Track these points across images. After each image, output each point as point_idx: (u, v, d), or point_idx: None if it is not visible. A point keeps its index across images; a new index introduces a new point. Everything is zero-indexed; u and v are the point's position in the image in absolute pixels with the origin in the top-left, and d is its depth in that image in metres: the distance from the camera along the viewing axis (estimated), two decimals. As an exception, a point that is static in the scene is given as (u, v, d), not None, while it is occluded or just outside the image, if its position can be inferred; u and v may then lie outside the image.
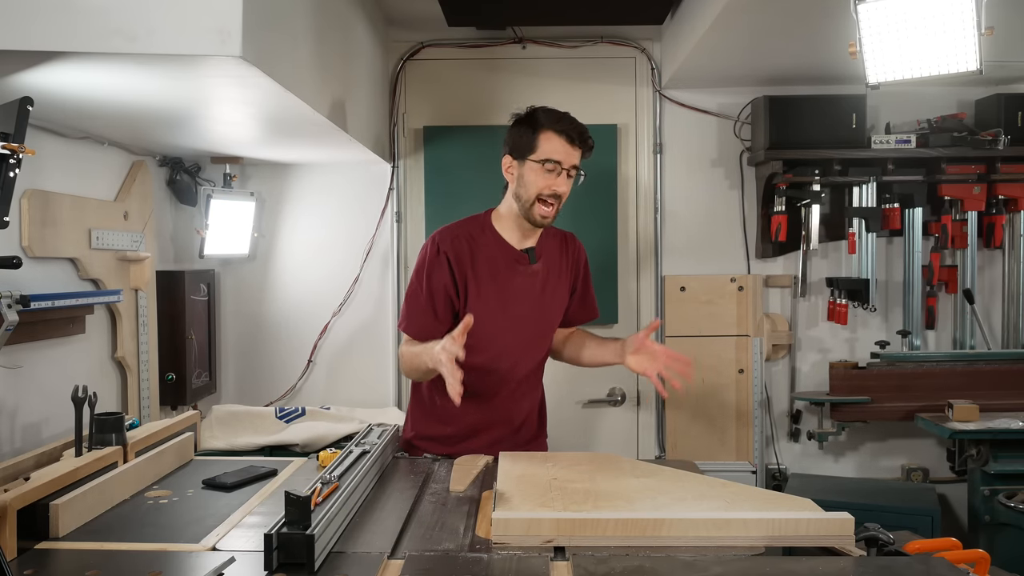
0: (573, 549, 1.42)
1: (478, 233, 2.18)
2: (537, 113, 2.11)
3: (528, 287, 2.17)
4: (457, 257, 2.12)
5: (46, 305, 2.11)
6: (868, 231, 3.41)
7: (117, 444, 1.93)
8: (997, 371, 3.36)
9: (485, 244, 2.16)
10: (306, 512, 1.34)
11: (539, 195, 2.07)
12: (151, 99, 2.05)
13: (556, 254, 2.24)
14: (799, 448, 3.62)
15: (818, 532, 1.46)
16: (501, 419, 2.21)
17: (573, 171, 2.09)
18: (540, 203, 2.08)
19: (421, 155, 3.54)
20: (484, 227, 2.19)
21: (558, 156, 2.05)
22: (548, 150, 2.05)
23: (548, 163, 2.05)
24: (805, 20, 2.54)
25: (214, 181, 3.32)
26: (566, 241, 2.28)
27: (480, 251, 2.15)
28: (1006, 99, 3.29)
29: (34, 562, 1.44)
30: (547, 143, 2.06)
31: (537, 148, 2.06)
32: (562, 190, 2.07)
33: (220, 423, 3.06)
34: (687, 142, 3.55)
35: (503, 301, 2.13)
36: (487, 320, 2.06)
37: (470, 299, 2.12)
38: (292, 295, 3.56)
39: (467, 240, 2.16)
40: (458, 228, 2.20)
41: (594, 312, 2.35)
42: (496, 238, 2.17)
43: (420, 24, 3.39)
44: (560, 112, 2.11)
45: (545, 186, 2.06)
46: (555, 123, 2.07)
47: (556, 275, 2.22)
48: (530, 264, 2.17)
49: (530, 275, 2.17)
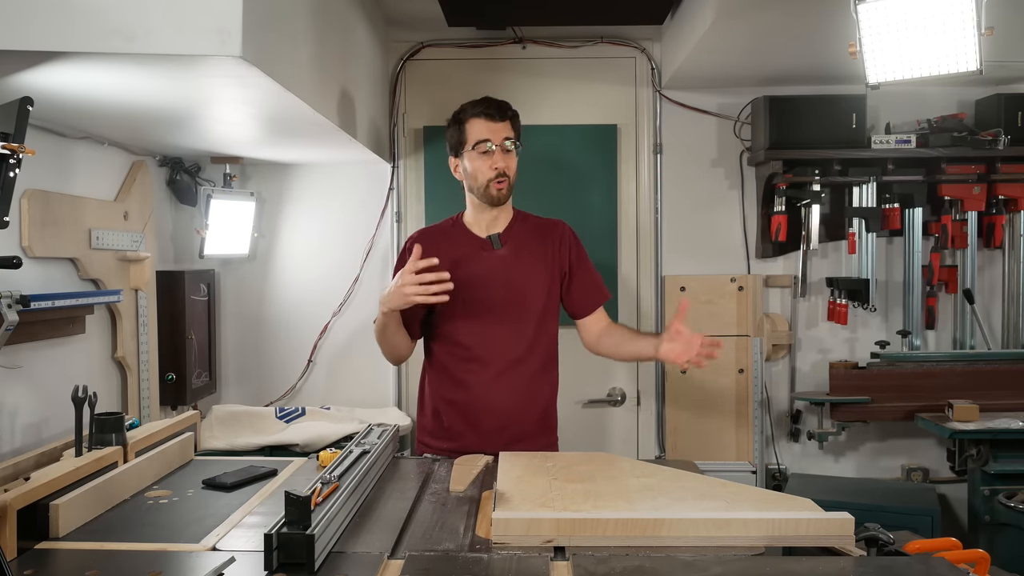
0: (573, 549, 1.42)
1: (448, 228, 2.35)
2: (458, 111, 2.26)
3: (495, 271, 2.25)
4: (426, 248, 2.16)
5: (46, 305, 2.11)
6: (868, 231, 3.41)
7: (117, 444, 1.93)
8: (997, 371, 3.36)
9: (453, 236, 2.31)
10: (306, 512, 1.34)
11: (488, 179, 2.19)
12: (151, 99, 2.05)
13: (532, 240, 2.31)
14: (799, 448, 3.61)
15: (818, 532, 1.46)
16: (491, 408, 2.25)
17: (509, 144, 2.21)
18: (494, 183, 2.20)
19: (421, 155, 3.54)
20: (455, 222, 2.35)
21: (486, 135, 2.19)
22: (475, 134, 2.20)
23: (479, 145, 2.19)
24: (805, 20, 2.54)
25: (214, 181, 3.32)
26: (550, 228, 2.35)
27: (447, 242, 2.26)
28: (1006, 99, 3.29)
29: (34, 562, 1.44)
30: (472, 129, 2.21)
31: (467, 138, 2.22)
32: (501, 166, 2.19)
33: (220, 423, 3.06)
34: (687, 142, 3.55)
35: (468, 285, 2.19)
36: (456, 304, 2.16)
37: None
38: (292, 295, 3.56)
39: (436, 234, 2.32)
40: (431, 227, 2.45)
41: (603, 293, 2.39)
42: (463, 230, 2.32)
43: (420, 24, 3.39)
44: (480, 99, 2.24)
45: (487, 168, 2.19)
46: (472, 108, 2.21)
47: (531, 259, 2.28)
48: (494, 249, 2.27)
49: (496, 260, 2.26)
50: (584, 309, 2.36)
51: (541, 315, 2.29)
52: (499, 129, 2.20)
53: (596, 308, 2.37)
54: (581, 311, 2.36)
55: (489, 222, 2.30)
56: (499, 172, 2.19)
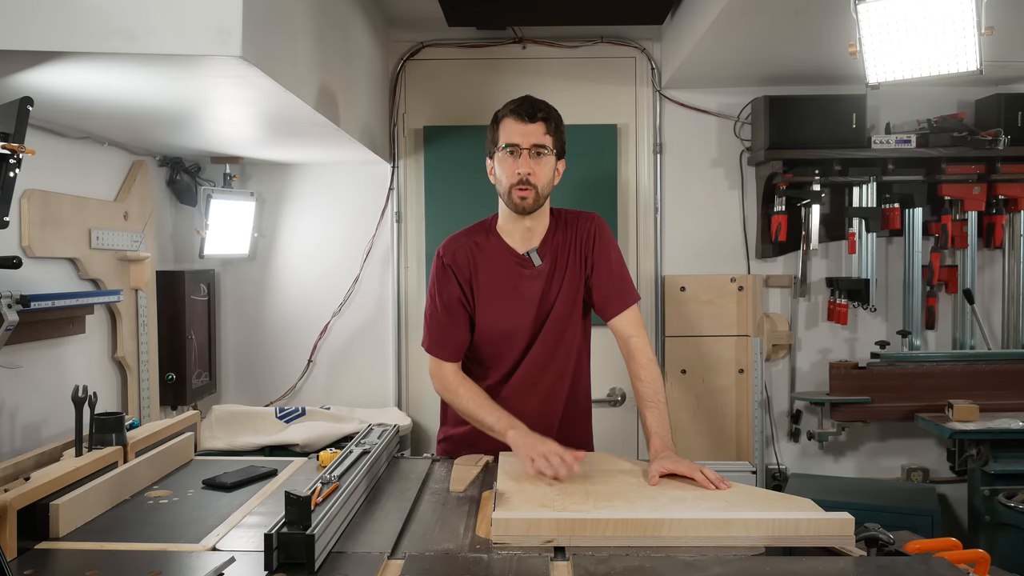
0: (573, 549, 1.42)
1: (483, 240, 2.13)
2: (498, 110, 2.08)
3: (533, 292, 2.10)
4: (461, 267, 2.09)
5: (46, 305, 2.11)
6: (868, 231, 3.41)
7: (117, 444, 1.93)
8: (997, 371, 3.36)
9: (489, 250, 2.11)
10: (306, 512, 1.34)
11: (511, 183, 2.01)
12: (151, 99, 2.05)
13: (569, 247, 2.12)
14: (799, 448, 3.62)
15: (818, 532, 1.46)
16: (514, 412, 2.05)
17: (539, 150, 1.99)
18: (516, 189, 2.01)
19: (421, 155, 3.54)
20: (488, 232, 2.14)
21: (514, 138, 1.99)
22: (504, 136, 2.01)
23: (506, 148, 2.00)
24: (805, 20, 2.54)
25: (214, 181, 3.32)
26: (580, 226, 2.13)
27: (484, 258, 2.10)
28: (1006, 99, 3.29)
29: (34, 562, 1.44)
30: (503, 131, 2.02)
31: (499, 139, 2.03)
32: (525, 171, 1.98)
33: (220, 423, 3.07)
34: (687, 142, 3.55)
35: (505, 308, 2.08)
36: (496, 327, 2.07)
37: (478, 307, 2.09)
38: (292, 295, 3.56)
39: (471, 249, 2.11)
40: (463, 237, 2.15)
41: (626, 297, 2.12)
42: (499, 243, 2.12)
43: (420, 24, 3.39)
44: (518, 98, 2.05)
45: (511, 172, 2.00)
46: (506, 109, 2.04)
47: (564, 267, 2.12)
48: (534, 267, 2.10)
49: (535, 278, 2.10)
50: (604, 313, 2.13)
51: (566, 323, 2.13)
52: (529, 132, 1.99)
53: (618, 312, 2.10)
54: (603, 314, 2.14)
55: (523, 232, 2.09)
56: (520, 178, 1.98)
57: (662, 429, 1.95)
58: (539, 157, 2.00)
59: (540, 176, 2.00)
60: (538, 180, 2.00)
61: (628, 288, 2.13)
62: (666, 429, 1.96)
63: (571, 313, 2.13)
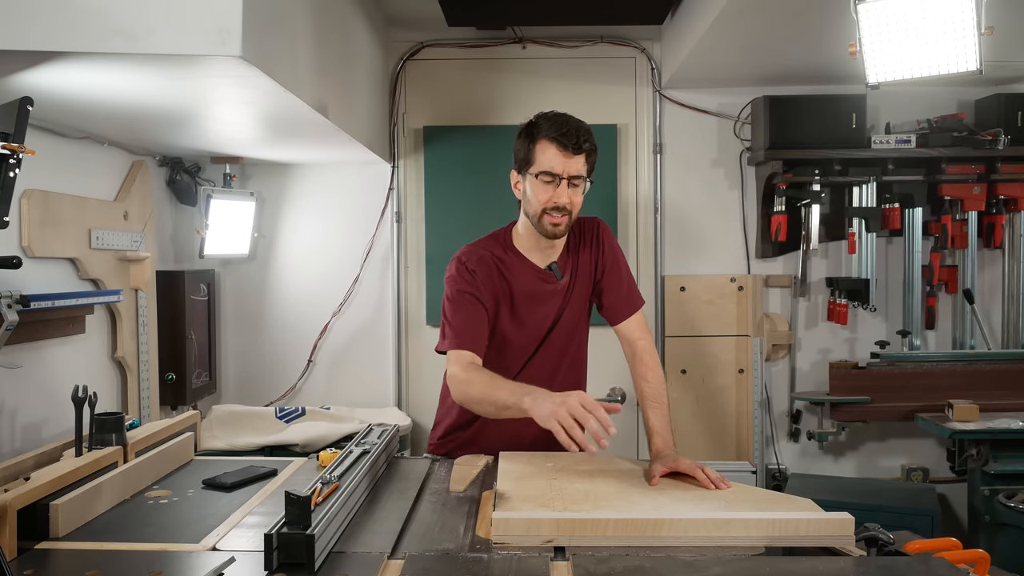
0: (573, 549, 1.42)
1: (502, 254, 2.08)
2: (535, 122, 2.00)
3: (554, 306, 2.09)
4: (486, 276, 2.05)
5: (46, 305, 2.11)
6: (868, 231, 3.41)
7: (117, 444, 1.93)
8: (997, 371, 3.36)
9: (512, 265, 2.07)
10: (306, 512, 1.34)
11: (544, 208, 1.96)
12: (151, 99, 2.05)
13: (583, 257, 2.11)
14: (799, 448, 3.62)
15: (818, 532, 1.45)
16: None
17: (577, 180, 1.94)
18: (547, 215, 1.97)
19: (421, 155, 3.54)
20: (507, 247, 2.09)
21: (555, 168, 1.92)
22: (543, 162, 1.93)
23: (544, 175, 1.93)
24: (805, 20, 2.54)
25: (214, 181, 3.33)
26: (587, 233, 2.12)
27: (511, 274, 2.07)
28: (1006, 99, 3.29)
29: (34, 562, 1.44)
30: (542, 154, 1.94)
31: (535, 160, 1.95)
32: (563, 202, 1.93)
33: (220, 423, 3.07)
34: (687, 142, 3.55)
35: (534, 320, 2.07)
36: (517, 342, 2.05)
37: (501, 321, 2.06)
38: (292, 295, 3.57)
39: (492, 262, 2.06)
40: (481, 248, 2.09)
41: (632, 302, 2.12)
42: (519, 259, 2.07)
43: (420, 24, 3.39)
44: (560, 118, 1.97)
45: (546, 200, 1.94)
46: (549, 131, 1.94)
47: (579, 275, 2.11)
48: (557, 280, 2.08)
49: (556, 292, 2.09)
50: (613, 318, 2.13)
51: (575, 325, 2.14)
52: (570, 163, 1.92)
53: (624, 319, 2.10)
54: (611, 319, 2.15)
55: (547, 248, 2.06)
56: (555, 206, 1.93)
57: (664, 429, 1.95)
58: (577, 187, 1.96)
59: (576, 205, 1.97)
60: (573, 208, 1.97)
61: (635, 293, 2.14)
62: (668, 429, 1.96)
63: (580, 316, 2.15)
